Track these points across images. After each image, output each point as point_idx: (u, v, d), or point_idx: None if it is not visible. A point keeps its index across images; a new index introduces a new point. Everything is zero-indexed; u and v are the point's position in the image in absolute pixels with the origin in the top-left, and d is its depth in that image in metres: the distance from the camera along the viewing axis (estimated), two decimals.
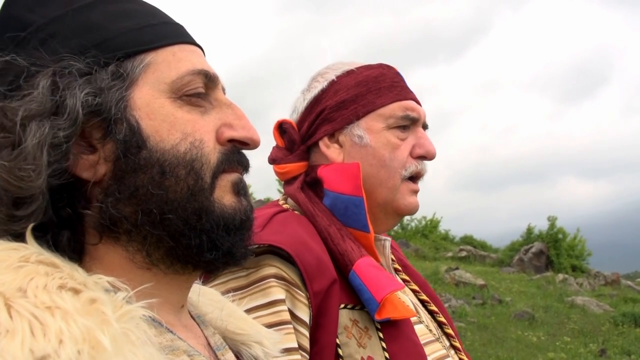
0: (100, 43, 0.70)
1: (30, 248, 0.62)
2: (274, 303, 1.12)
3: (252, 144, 0.78)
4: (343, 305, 1.20)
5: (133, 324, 0.58)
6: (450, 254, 20.28)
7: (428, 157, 1.38)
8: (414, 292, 1.47)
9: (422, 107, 1.42)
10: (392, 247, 1.47)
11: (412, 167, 1.36)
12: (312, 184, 1.37)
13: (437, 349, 1.32)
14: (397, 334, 1.22)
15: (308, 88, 1.43)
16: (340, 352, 1.16)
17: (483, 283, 14.53)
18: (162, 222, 0.69)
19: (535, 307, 13.03)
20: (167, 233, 0.70)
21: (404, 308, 1.25)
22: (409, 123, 1.37)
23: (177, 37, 0.77)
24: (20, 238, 0.64)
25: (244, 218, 0.75)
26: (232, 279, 1.17)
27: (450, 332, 1.43)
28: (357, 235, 1.29)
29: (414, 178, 1.38)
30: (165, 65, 0.73)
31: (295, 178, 1.39)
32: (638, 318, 11.95)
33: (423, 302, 1.46)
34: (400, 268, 1.51)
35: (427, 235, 23.68)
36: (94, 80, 0.68)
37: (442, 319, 1.45)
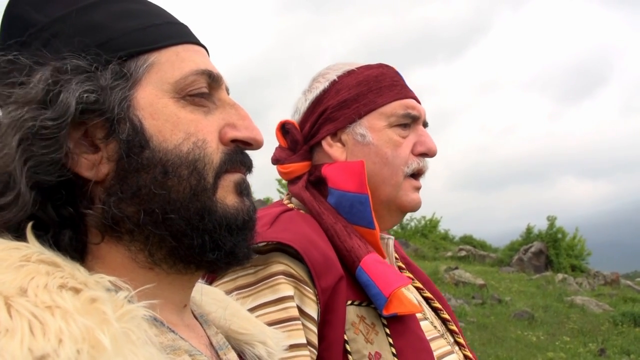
0: (104, 43, 0.70)
1: (32, 247, 0.62)
2: (283, 299, 1.13)
3: (255, 145, 0.78)
4: (350, 302, 1.21)
5: (134, 324, 0.58)
6: (450, 254, 20.28)
7: (429, 154, 1.40)
8: (418, 289, 1.48)
9: (421, 105, 1.43)
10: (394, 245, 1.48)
11: (414, 164, 1.37)
12: (316, 183, 1.38)
13: (442, 345, 1.34)
14: (403, 330, 1.23)
15: (309, 89, 1.44)
16: (348, 347, 1.16)
17: (482, 283, 14.54)
18: (164, 222, 0.69)
19: (535, 306, 13.03)
20: (169, 233, 0.69)
21: (411, 304, 1.26)
22: (410, 121, 1.38)
23: (181, 37, 0.76)
24: (22, 237, 0.63)
25: (247, 218, 0.75)
26: (240, 277, 1.18)
27: (454, 328, 1.44)
28: (362, 232, 1.30)
29: (416, 175, 1.40)
30: (169, 65, 0.73)
31: (299, 177, 1.40)
32: (637, 318, 11.96)
33: (427, 299, 1.48)
34: (404, 266, 1.52)
35: (426, 235, 23.68)
36: (95, 79, 0.68)
37: (445, 316, 1.46)
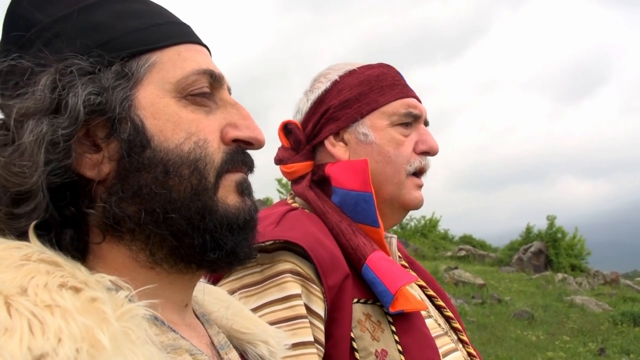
0: (106, 42, 0.70)
1: (33, 247, 0.62)
2: (290, 298, 1.14)
3: (256, 144, 0.78)
4: (356, 300, 1.22)
5: (134, 323, 0.58)
6: (450, 254, 20.29)
7: (431, 152, 1.41)
8: (421, 287, 1.49)
9: (422, 104, 1.44)
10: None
11: (416, 162, 1.38)
12: (319, 182, 1.39)
13: (446, 343, 1.35)
14: (408, 327, 1.24)
15: (311, 89, 1.45)
16: (355, 345, 1.17)
17: (482, 282, 14.54)
18: (165, 221, 0.69)
19: (535, 306, 13.03)
20: (170, 232, 0.69)
21: (417, 301, 1.27)
22: (412, 120, 1.39)
23: (182, 36, 0.76)
24: (24, 237, 0.63)
25: (248, 218, 0.75)
26: (246, 275, 1.19)
27: (458, 326, 1.45)
28: (367, 231, 1.31)
29: (418, 173, 1.41)
30: (171, 65, 0.73)
31: (303, 177, 1.41)
32: (637, 317, 11.96)
33: (430, 297, 1.48)
34: (407, 264, 1.53)
35: (426, 235, 23.69)
36: (98, 80, 0.68)
37: (449, 314, 1.47)
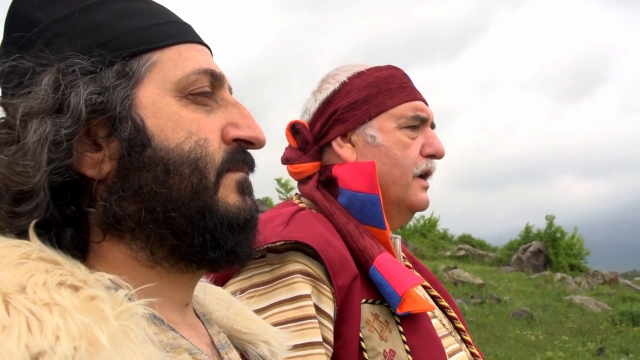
0: (107, 42, 0.70)
1: (32, 245, 0.62)
2: (300, 298, 1.14)
3: (257, 144, 0.77)
4: (364, 300, 1.22)
5: (133, 322, 0.58)
6: (449, 253, 20.31)
7: (437, 155, 1.41)
8: (425, 287, 1.50)
9: (429, 107, 1.44)
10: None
11: (422, 165, 1.39)
12: (325, 183, 1.40)
13: (451, 343, 1.36)
14: (415, 327, 1.25)
15: (319, 89, 1.45)
16: (364, 345, 1.18)
17: (481, 282, 14.56)
18: (165, 220, 0.69)
19: (534, 306, 13.05)
20: (170, 231, 0.69)
21: (424, 302, 1.28)
22: (419, 123, 1.40)
23: (183, 36, 0.76)
24: (24, 235, 0.63)
25: (249, 217, 0.75)
26: (255, 275, 1.20)
27: (461, 326, 1.46)
28: (373, 232, 1.32)
29: (424, 175, 1.41)
30: (171, 64, 0.73)
31: (309, 177, 1.42)
32: (636, 317, 11.98)
33: (434, 297, 1.49)
34: (411, 265, 1.53)
35: (425, 235, 23.71)
36: (99, 79, 0.68)
37: (453, 314, 1.47)
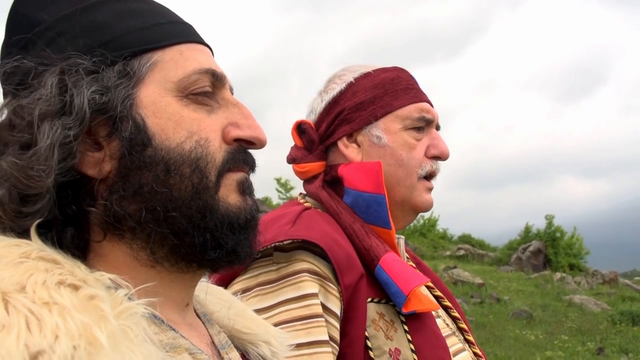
0: (108, 42, 0.70)
1: (33, 244, 0.62)
2: (307, 296, 1.15)
3: (258, 144, 0.77)
4: (370, 299, 1.23)
5: (132, 321, 0.58)
6: (448, 253, 20.32)
7: (442, 157, 1.42)
8: (428, 288, 1.50)
9: (434, 109, 1.45)
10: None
11: (427, 166, 1.40)
12: (331, 183, 1.40)
13: (454, 343, 1.36)
14: (420, 327, 1.26)
15: (325, 89, 1.46)
16: (369, 344, 1.18)
17: (481, 282, 14.57)
18: (166, 219, 0.69)
19: (533, 305, 13.06)
20: (171, 231, 0.69)
21: (429, 301, 1.29)
22: (424, 124, 1.41)
23: (185, 36, 0.76)
24: (25, 234, 0.63)
25: (249, 217, 0.75)
26: (262, 273, 1.20)
27: (464, 326, 1.47)
28: (378, 232, 1.32)
29: (428, 177, 1.42)
30: (172, 64, 0.73)
31: (315, 177, 1.42)
32: (636, 316, 11.99)
33: (437, 297, 1.50)
34: (414, 265, 1.54)
35: (425, 234, 23.71)
36: (101, 79, 0.68)
37: (456, 314, 1.48)
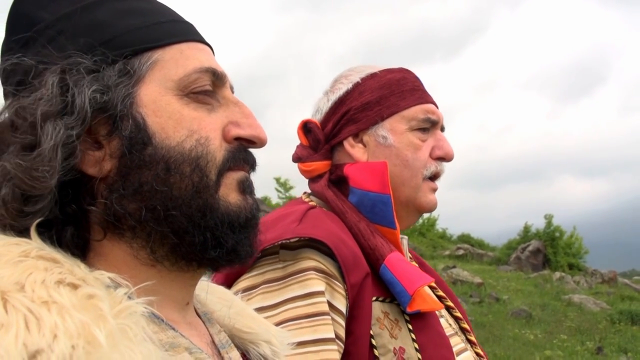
0: (108, 40, 0.70)
1: (32, 243, 0.61)
2: (313, 294, 1.15)
3: (259, 143, 0.77)
4: (375, 298, 1.24)
5: (131, 320, 0.58)
6: (448, 253, 20.34)
7: (447, 158, 1.43)
8: (431, 288, 1.51)
9: (439, 110, 1.46)
10: None
11: (432, 167, 1.41)
12: (336, 182, 1.41)
13: (457, 342, 1.37)
14: (424, 326, 1.27)
15: (331, 89, 1.46)
16: (374, 342, 1.19)
17: (480, 281, 14.59)
18: (166, 218, 0.68)
19: (533, 305, 13.07)
20: (171, 230, 0.69)
21: (433, 301, 1.31)
22: (430, 126, 1.41)
23: (185, 35, 0.76)
24: (25, 233, 0.63)
25: (250, 216, 0.75)
26: (268, 271, 1.21)
27: (466, 326, 1.47)
28: (383, 232, 1.33)
29: (433, 177, 1.43)
30: (173, 63, 0.72)
31: (320, 176, 1.43)
32: (635, 316, 12.01)
33: (440, 297, 1.50)
34: (417, 265, 1.54)
35: (424, 234, 23.74)
36: (101, 78, 0.68)
37: (458, 314, 1.49)
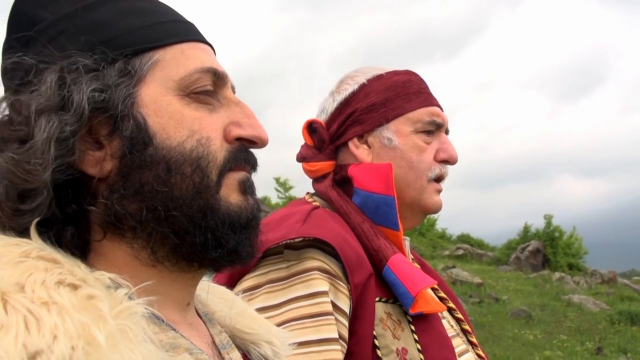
0: (109, 40, 0.70)
1: (32, 243, 0.61)
2: (317, 294, 1.16)
3: (260, 143, 0.77)
4: (378, 299, 1.24)
5: (132, 321, 0.57)
6: (447, 253, 20.34)
7: (451, 161, 1.44)
8: (433, 289, 1.51)
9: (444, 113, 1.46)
10: None
11: (436, 170, 1.41)
12: (340, 183, 1.41)
13: (459, 344, 1.37)
14: (426, 327, 1.27)
15: (337, 90, 1.47)
16: (377, 343, 1.19)
17: (480, 281, 14.60)
18: (167, 219, 0.68)
19: (532, 305, 13.08)
20: (171, 230, 0.69)
21: (436, 302, 1.31)
22: (434, 128, 1.42)
23: (186, 35, 0.76)
24: (25, 233, 0.63)
25: (251, 217, 0.74)
26: (272, 270, 1.21)
27: (467, 328, 1.47)
28: (386, 233, 1.34)
29: (437, 179, 1.43)
30: (174, 63, 0.72)
31: (324, 176, 1.43)
32: (634, 316, 12.02)
33: (441, 299, 1.50)
34: (419, 266, 1.55)
35: (424, 234, 23.73)
36: (101, 77, 0.68)
37: (459, 316, 1.49)
